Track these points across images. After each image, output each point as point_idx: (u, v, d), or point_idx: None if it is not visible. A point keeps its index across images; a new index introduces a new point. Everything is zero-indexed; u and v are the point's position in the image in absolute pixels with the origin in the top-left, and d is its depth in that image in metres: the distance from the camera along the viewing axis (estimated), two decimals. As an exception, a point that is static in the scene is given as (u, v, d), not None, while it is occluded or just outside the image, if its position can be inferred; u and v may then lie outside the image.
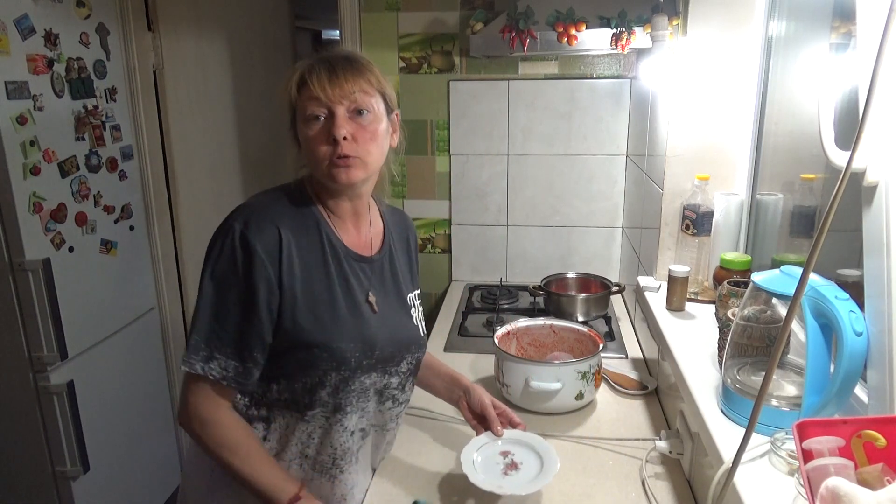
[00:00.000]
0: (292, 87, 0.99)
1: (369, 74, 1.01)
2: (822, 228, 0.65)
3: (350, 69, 0.99)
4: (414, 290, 1.23)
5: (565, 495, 1.20)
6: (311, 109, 0.98)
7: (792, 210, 1.26)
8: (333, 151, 0.98)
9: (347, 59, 1.01)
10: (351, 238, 1.09)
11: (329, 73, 0.97)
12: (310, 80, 0.97)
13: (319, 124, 0.98)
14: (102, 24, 2.19)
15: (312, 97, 0.97)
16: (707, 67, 1.44)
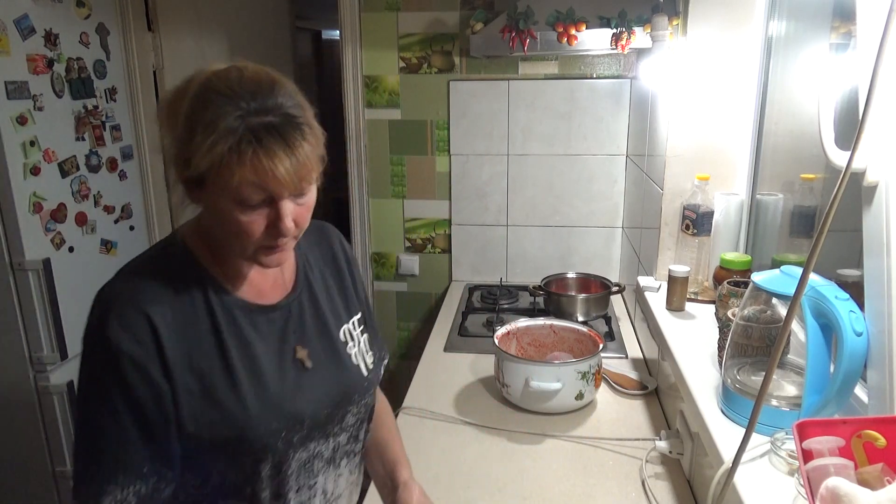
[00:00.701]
0: (221, 151, 0.74)
1: (316, 140, 0.81)
2: (822, 228, 0.65)
3: (305, 143, 0.77)
4: (351, 317, 1.02)
5: (565, 495, 1.20)
6: (249, 194, 0.77)
7: (792, 210, 1.26)
8: (267, 239, 0.81)
9: (297, 128, 0.78)
10: (253, 287, 0.90)
11: (289, 157, 0.76)
12: (260, 163, 0.74)
13: (256, 210, 0.79)
14: (102, 24, 2.19)
15: (254, 183, 0.75)
16: (707, 67, 1.44)
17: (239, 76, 0.79)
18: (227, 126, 0.75)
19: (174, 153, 0.81)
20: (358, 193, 2.40)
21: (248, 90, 0.77)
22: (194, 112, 0.77)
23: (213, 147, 0.75)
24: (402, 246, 2.47)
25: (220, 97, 0.76)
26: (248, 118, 0.75)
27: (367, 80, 2.30)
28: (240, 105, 0.76)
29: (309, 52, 4.25)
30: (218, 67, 0.81)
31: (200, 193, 0.81)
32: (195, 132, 0.76)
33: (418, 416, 1.48)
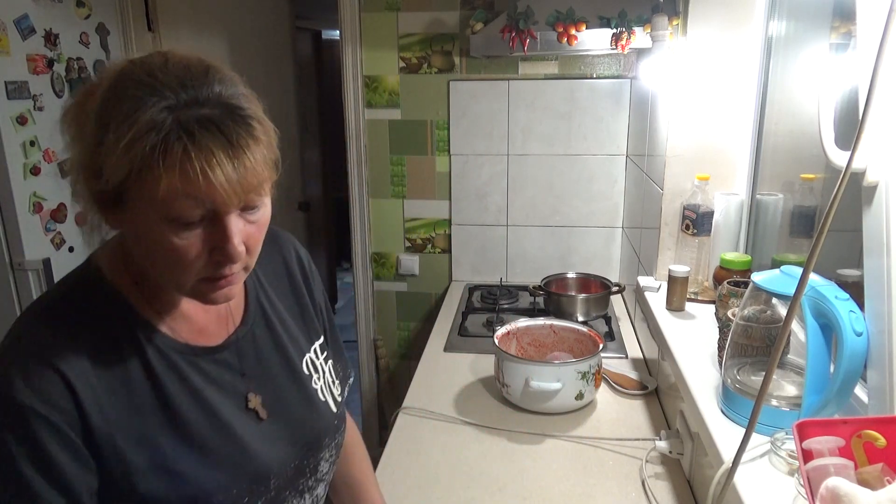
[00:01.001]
0: (140, 151, 0.58)
1: (267, 139, 0.64)
2: (822, 228, 0.65)
3: (252, 142, 0.61)
4: (312, 344, 0.88)
5: (565, 495, 1.20)
6: (183, 209, 0.60)
7: (792, 210, 1.26)
8: (209, 268, 0.65)
9: (242, 123, 0.61)
10: (192, 324, 0.74)
11: (233, 158, 0.60)
12: (194, 165, 0.58)
13: (192, 230, 0.62)
14: (102, 24, 2.19)
15: (187, 193, 0.59)
16: (707, 67, 1.44)
17: (163, 62, 0.63)
18: (148, 119, 0.58)
19: (82, 162, 0.64)
20: (358, 193, 2.40)
21: (176, 77, 0.61)
22: (106, 107, 0.61)
23: (131, 146, 0.58)
24: (402, 246, 2.47)
25: (140, 86, 0.60)
26: (178, 111, 0.59)
27: (367, 80, 2.30)
28: (165, 94, 0.60)
29: (309, 52, 4.24)
30: (136, 56, 0.66)
31: (119, 213, 0.64)
32: (107, 131, 0.60)
33: (418, 416, 1.48)
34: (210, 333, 0.76)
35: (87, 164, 0.63)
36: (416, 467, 1.29)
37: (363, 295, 2.51)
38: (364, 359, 2.58)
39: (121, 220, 0.66)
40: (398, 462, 1.31)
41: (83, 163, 0.64)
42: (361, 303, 2.52)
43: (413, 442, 1.38)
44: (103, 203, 0.65)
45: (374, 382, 2.61)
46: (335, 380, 0.90)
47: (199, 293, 0.68)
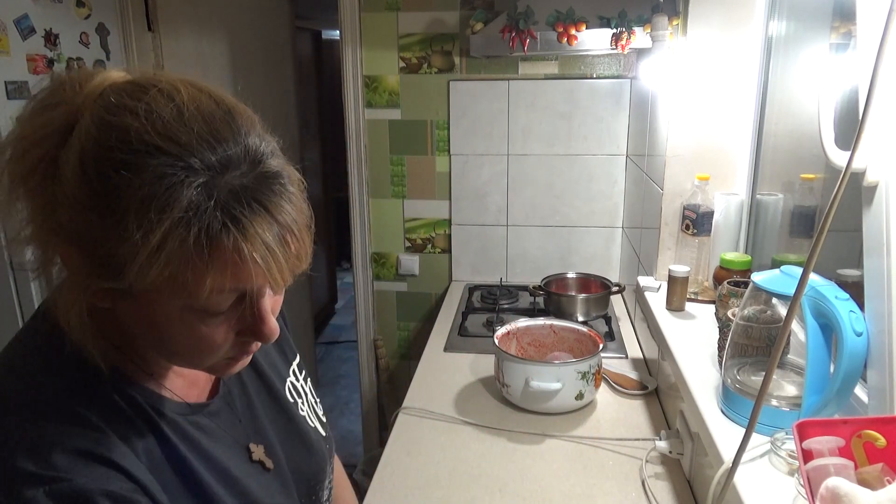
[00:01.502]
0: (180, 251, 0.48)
1: (302, 198, 0.55)
2: (822, 228, 0.65)
3: (292, 209, 0.53)
4: (290, 365, 0.82)
5: (565, 495, 1.20)
6: (220, 301, 0.53)
7: (792, 210, 1.26)
8: (235, 348, 0.59)
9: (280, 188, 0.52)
10: (184, 378, 0.67)
11: (282, 244, 0.52)
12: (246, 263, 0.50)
13: (223, 316, 0.55)
14: (102, 24, 2.19)
15: (236, 288, 0.52)
16: (707, 67, 1.44)
17: (175, 111, 0.49)
18: (185, 206, 0.47)
19: (67, 246, 0.52)
20: (358, 193, 2.40)
21: (200, 134, 0.49)
22: (109, 184, 0.48)
23: (165, 243, 0.47)
24: (402, 246, 2.47)
25: (158, 154, 0.48)
26: (213, 185, 0.48)
27: (367, 80, 2.30)
28: (192, 164, 0.48)
29: (309, 52, 4.25)
30: (114, 83, 0.52)
31: (122, 301, 0.54)
32: (121, 221, 0.47)
33: (418, 416, 1.48)
34: (200, 384, 0.69)
35: (83, 252, 0.51)
36: (416, 467, 1.29)
37: (363, 295, 2.51)
38: (364, 359, 2.58)
39: (121, 304, 0.55)
40: (398, 462, 1.31)
41: (74, 246, 0.51)
42: (361, 303, 2.52)
43: (413, 442, 1.38)
44: (102, 293, 0.53)
45: (374, 382, 2.61)
46: (316, 399, 0.86)
47: (216, 370, 0.62)
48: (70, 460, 0.52)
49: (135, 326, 0.57)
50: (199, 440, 0.64)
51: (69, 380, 0.57)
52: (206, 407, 0.67)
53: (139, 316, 0.55)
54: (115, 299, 0.54)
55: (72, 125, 0.51)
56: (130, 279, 0.49)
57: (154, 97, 0.50)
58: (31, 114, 0.55)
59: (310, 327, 3.50)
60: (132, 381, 0.60)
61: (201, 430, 0.65)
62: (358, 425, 2.83)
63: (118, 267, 0.49)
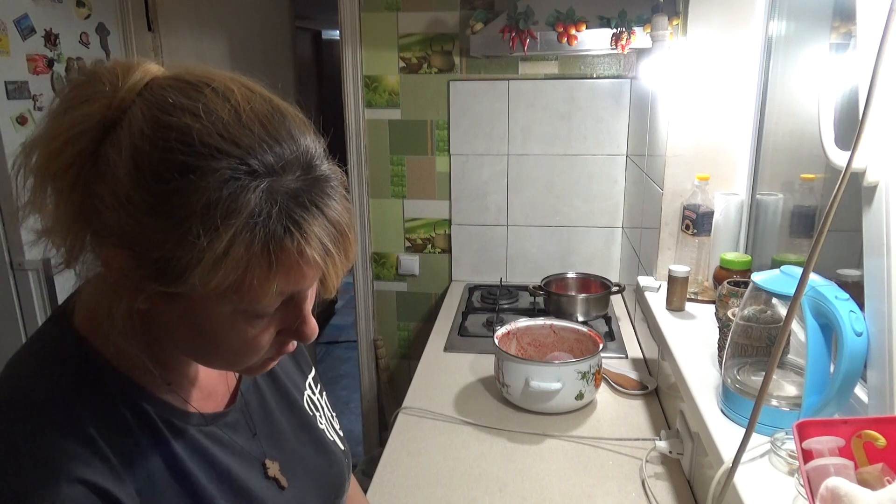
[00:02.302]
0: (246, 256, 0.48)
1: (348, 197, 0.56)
2: (822, 228, 0.65)
3: (344, 211, 0.53)
4: (307, 376, 0.82)
5: (565, 495, 1.20)
6: (273, 305, 0.53)
7: (792, 210, 1.26)
8: (273, 348, 0.58)
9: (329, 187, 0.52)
10: (201, 389, 0.65)
11: (338, 245, 0.52)
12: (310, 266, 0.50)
13: (265, 318, 0.55)
14: (102, 24, 2.19)
15: (294, 290, 0.53)
16: (707, 67, 1.44)
17: (233, 113, 0.49)
18: (251, 210, 0.47)
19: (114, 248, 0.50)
20: (358, 193, 2.40)
21: (258, 137, 0.49)
22: (169, 187, 0.47)
23: (230, 250, 0.47)
24: (402, 246, 2.47)
25: (220, 157, 0.47)
26: (273, 189, 0.48)
27: (367, 80, 2.30)
28: (255, 168, 0.48)
29: (309, 52, 4.25)
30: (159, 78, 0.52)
31: (168, 304, 0.52)
32: (183, 225, 0.46)
33: (418, 416, 1.48)
34: (218, 393, 0.67)
35: (135, 254, 0.49)
36: (416, 467, 1.29)
37: (363, 295, 2.51)
38: (364, 359, 2.58)
39: (165, 307, 0.53)
40: (398, 462, 1.31)
41: (124, 249, 0.49)
42: (361, 303, 2.52)
43: (413, 442, 1.38)
44: (153, 295, 0.51)
45: (374, 382, 2.61)
46: (332, 413, 0.84)
47: (252, 370, 0.60)
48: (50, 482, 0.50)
49: (177, 330, 0.55)
50: (213, 453, 0.62)
51: (74, 384, 0.55)
52: (222, 417, 0.66)
53: (184, 319, 0.54)
54: (160, 302, 0.52)
55: (113, 121, 0.50)
56: (193, 284, 0.48)
57: (210, 97, 0.49)
58: (65, 109, 0.52)
59: (310, 327, 3.50)
60: (144, 390, 0.58)
61: (217, 442, 0.63)
62: (358, 425, 2.83)
63: (178, 271, 0.48)
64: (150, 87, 0.51)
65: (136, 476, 0.55)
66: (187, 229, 0.46)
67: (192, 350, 0.58)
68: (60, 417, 0.53)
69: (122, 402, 0.57)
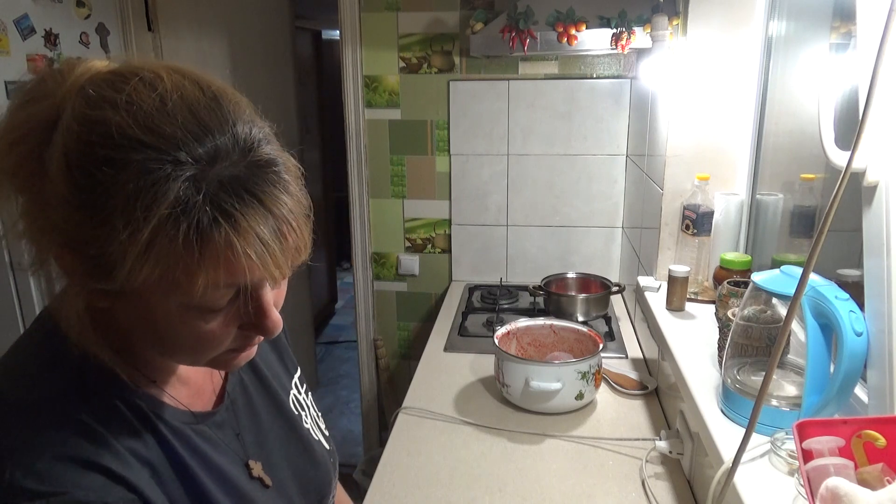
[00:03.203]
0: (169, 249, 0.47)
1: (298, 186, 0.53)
2: (822, 228, 0.65)
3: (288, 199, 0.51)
4: (293, 376, 0.82)
5: (565, 495, 1.20)
6: (217, 297, 0.51)
7: (792, 210, 1.26)
8: (237, 341, 0.57)
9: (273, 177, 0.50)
10: (189, 387, 0.66)
11: (277, 236, 0.50)
12: (239, 259, 0.48)
13: (222, 312, 0.53)
14: (102, 24, 2.19)
15: (231, 283, 0.50)
16: (707, 67, 1.44)
17: (158, 101, 0.48)
18: (172, 202, 0.45)
19: (59, 248, 0.50)
20: (358, 193, 2.41)
21: (185, 124, 0.47)
22: (93, 180, 0.46)
23: (155, 241, 0.46)
24: (402, 246, 2.47)
25: (141, 148, 0.46)
26: (201, 178, 0.46)
27: (367, 80, 2.30)
28: (179, 158, 0.46)
29: (309, 52, 4.25)
30: (96, 74, 0.51)
31: (119, 300, 0.52)
32: (108, 220, 0.46)
33: (418, 416, 1.48)
34: (205, 392, 0.68)
35: (75, 252, 0.49)
36: (416, 467, 1.29)
37: (363, 295, 2.51)
38: (364, 359, 2.58)
39: (118, 303, 0.53)
40: (398, 462, 1.31)
41: (66, 248, 0.50)
42: (361, 303, 2.52)
43: (413, 442, 1.38)
44: (98, 294, 0.52)
45: (374, 382, 2.61)
46: (318, 412, 0.84)
47: (219, 363, 0.59)
48: (68, 471, 0.51)
49: (134, 327, 0.56)
50: (204, 450, 0.62)
51: (69, 383, 0.55)
52: (211, 416, 0.66)
53: (137, 315, 0.54)
54: (112, 299, 0.52)
55: (55, 120, 0.50)
56: (121, 280, 0.48)
57: (135, 87, 0.48)
58: (16, 108, 0.52)
59: (310, 327, 3.50)
60: (135, 387, 0.59)
61: (206, 441, 0.63)
62: (358, 425, 2.83)
63: (109, 267, 0.48)
64: (85, 83, 0.50)
65: (143, 468, 0.56)
66: (112, 224, 0.46)
67: (156, 346, 0.58)
68: (62, 416, 0.53)
69: (118, 399, 0.57)
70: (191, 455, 0.61)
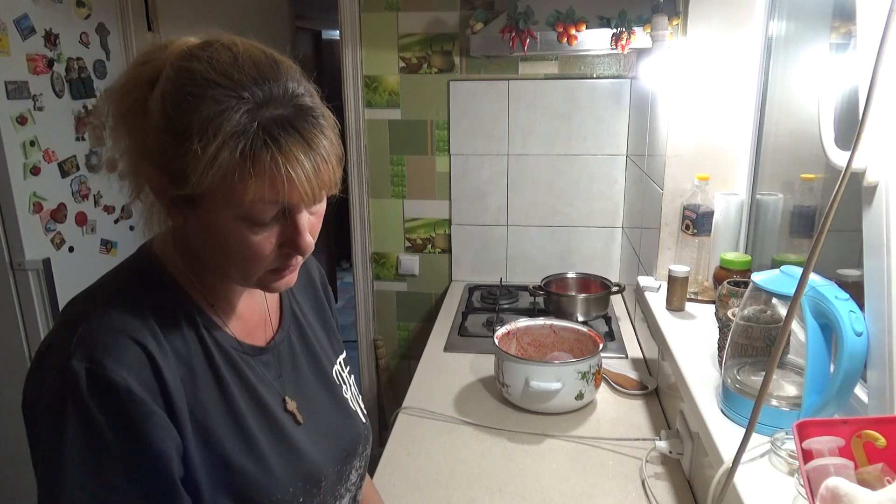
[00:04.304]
0: (229, 160, 0.59)
1: (335, 135, 0.66)
2: (822, 228, 0.65)
3: (325, 141, 0.63)
4: (338, 355, 0.91)
5: (565, 495, 1.20)
6: (263, 210, 0.62)
7: (792, 210, 1.26)
8: (279, 259, 0.67)
9: (315, 122, 0.63)
10: (243, 323, 0.76)
11: (311, 160, 0.61)
12: (280, 171, 0.59)
13: (267, 228, 0.64)
14: (102, 24, 2.19)
15: (274, 198, 0.61)
16: (707, 67, 1.44)
17: (232, 58, 0.62)
18: (234, 125, 0.58)
19: (151, 167, 0.64)
20: (358, 193, 2.40)
21: (250, 75, 0.61)
22: (180, 110, 0.60)
23: (218, 154, 0.58)
24: (402, 246, 2.47)
25: (216, 87, 0.60)
26: (258, 113, 0.60)
27: (367, 80, 2.30)
28: (243, 96, 0.60)
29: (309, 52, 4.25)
30: (190, 44, 0.65)
31: (190, 212, 0.65)
32: (187, 138, 0.59)
33: (418, 416, 1.48)
34: (256, 335, 0.78)
35: (161, 168, 0.63)
36: (416, 467, 1.30)
37: (363, 295, 2.51)
38: (364, 359, 2.58)
39: (189, 216, 0.66)
40: (398, 462, 1.31)
41: (153, 167, 0.64)
42: (361, 303, 2.52)
43: (413, 442, 1.38)
44: (174, 203, 0.65)
45: (374, 382, 2.61)
46: (359, 394, 0.94)
47: (264, 283, 0.70)
48: (114, 343, 0.62)
49: (200, 244, 0.68)
50: (246, 374, 0.73)
51: (140, 288, 0.69)
52: (260, 353, 0.76)
53: (202, 228, 0.65)
54: (185, 213, 0.65)
55: (158, 76, 0.64)
56: (193, 184, 0.60)
57: (217, 48, 0.63)
58: (131, 68, 0.67)
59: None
60: (198, 307, 0.71)
61: (251, 369, 0.74)
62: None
63: (185, 175, 0.60)
64: (182, 49, 0.65)
65: (181, 365, 0.67)
66: (190, 140, 0.59)
67: (213, 261, 0.70)
68: (124, 299, 0.67)
69: (178, 308, 0.70)
70: (231, 373, 0.71)
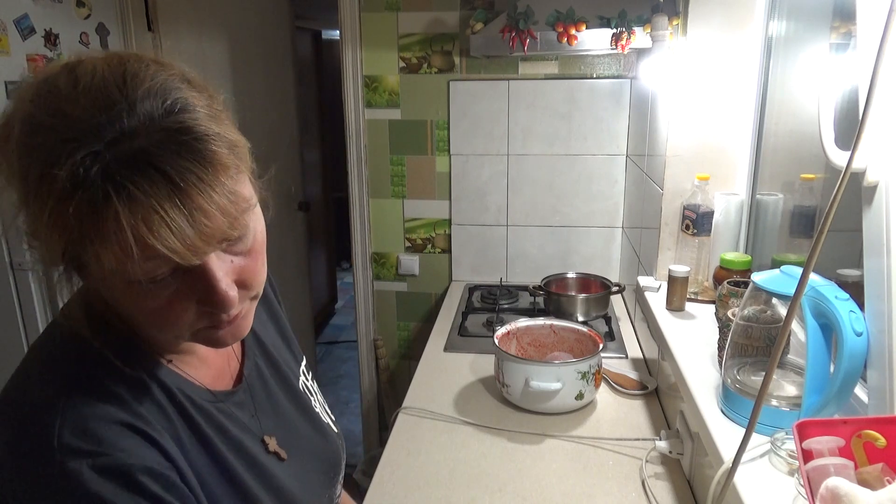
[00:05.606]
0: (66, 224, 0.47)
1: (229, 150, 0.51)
2: (822, 228, 0.65)
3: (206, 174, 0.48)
4: (300, 364, 0.86)
5: (565, 495, 1.20)
6: (148, 272, 0.49)
7: (792, 210, 1.26)
8: (205, 318, 0.56)
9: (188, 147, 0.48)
10: (208, 366, 0.69)
11: (186, 213, 0.47)
12: (127, 237, 0.46)
13: (167, 285, 0.52)
14: (102, 24, 2.19)
15: (145, 257, 0.48)
16: (707, 67, 1.44)
17: (70, 86, 0.49)
18: (68, 176, 0.45)
19: (24, 227, 0.52)
20: (358, 193, 2.41)
21: (91, 105, 0.47)
22: (13, 169, 0.49)
23: (56, 217, 0.46)
24: (402, 246, 2.47)
25: (48, 132, 0.47)
26: (107, 152, 0.46)
27: (367, 80, 2.30)
28: (82, 137, 0.46)
29: (309, 52, 4.25)
30: (48, 73, 0.52)
31: (87, 278, 0.54)
32: (25, 202, 0.49)
33: (418, 416, 1.48)
34: (223, 374, 0.71)
35: (26, 226, 0.51)
36: (416, 467, 1.29)
37: (363, 295, 2.51)
38: (364, 359, 2.58)
39: (89, 281, 0.55)
40: (398, 462, 1.31)
41: (25, 228, 0.52)
42: (361, 303, 2.52)
43: (413, 442, 1.38)
44: (66, 268, 0.54)
45: (374, 382, 2.61)
46: (324, 401, 0.89)
47: (205, 339, 0.59)
48: (111, 433, 0.54)
49: (112, 304, 0.57)
50: (226, 426, 0.66)
51: (99, 363, 0.58)
52: (232, 396, 0.69)
53: (107, 295, 0.55)
54: (81, 276, 0.55)
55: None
56: (45, 248, 0.50)
57: (57, 76, 0.50)
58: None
59: (310, 327, 3.50)
60: (159, 365, 0.62)
61: (229, 418, 0.67)
62: (358, 425, 2.83)
63: (38, 244, 0.51)
64: (29, 83, 0.53)
65: (170, 439, 0.59)
66: (27, 204, 0.49)
67: (136, 323, 0.60)
68: (100, 386, 0.56)
69: (147, 375, 0.60)
70: (213, 430, 0.64)
